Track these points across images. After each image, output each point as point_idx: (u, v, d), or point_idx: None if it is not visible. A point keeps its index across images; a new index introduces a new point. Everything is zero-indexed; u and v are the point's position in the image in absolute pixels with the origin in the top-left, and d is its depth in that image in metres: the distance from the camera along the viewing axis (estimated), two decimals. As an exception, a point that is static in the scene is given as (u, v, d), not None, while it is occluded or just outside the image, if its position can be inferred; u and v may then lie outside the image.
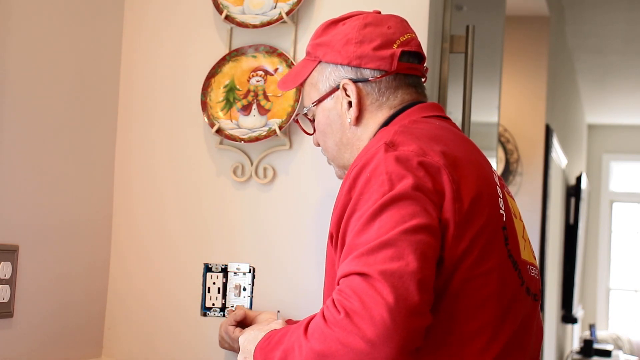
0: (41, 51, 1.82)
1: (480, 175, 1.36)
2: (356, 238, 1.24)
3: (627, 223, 9.13)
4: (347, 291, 1.19)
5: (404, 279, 1.17)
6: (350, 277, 1.20)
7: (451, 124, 1.51)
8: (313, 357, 1.20)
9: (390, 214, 1.22)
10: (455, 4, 2.21)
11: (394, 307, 1.15)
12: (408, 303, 1.16)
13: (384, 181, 1.25)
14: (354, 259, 1.21)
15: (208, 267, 1.75)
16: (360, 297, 1.17)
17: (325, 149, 1.57)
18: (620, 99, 7.92)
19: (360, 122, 1.49)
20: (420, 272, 1.18)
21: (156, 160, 2.03)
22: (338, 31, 1.50)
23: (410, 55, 1.50)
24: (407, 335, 1.16)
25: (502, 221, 1.36)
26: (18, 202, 1.75)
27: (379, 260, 1.19)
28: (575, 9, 5.49)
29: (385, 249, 1.19)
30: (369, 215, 1.24)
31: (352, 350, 1.16)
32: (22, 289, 1.76)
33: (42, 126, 1.83)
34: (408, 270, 1.18)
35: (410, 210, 1.23)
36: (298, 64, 1.60)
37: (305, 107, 1.58)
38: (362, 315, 1.16)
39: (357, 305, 1.16)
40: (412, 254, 1.19)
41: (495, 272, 1.31)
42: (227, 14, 1.95)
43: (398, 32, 1.49)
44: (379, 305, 1.15)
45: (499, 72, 3.26)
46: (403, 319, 1.15)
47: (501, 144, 4.76)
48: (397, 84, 1.48)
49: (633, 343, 8.05)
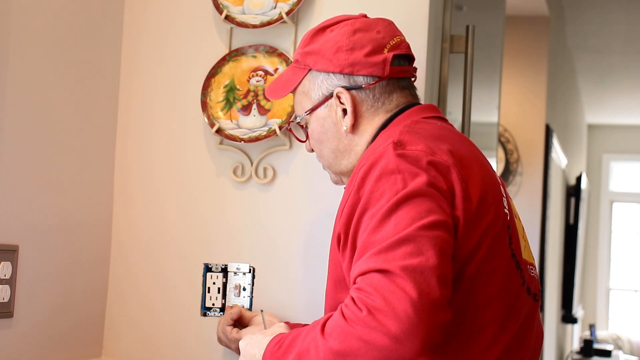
0: (41, 51, 1.82)
1: (484, 174, 1.37)
2: (371, 235, 1.23)
3: (627, 223, 9.13)
4: (367, 289, 1.18)
5: (425, 274, 1.16)
6: (370, 274, 1.19)
7: (450, 124, 1.51)
8: (331, 357, 1.18)
9: (406, 210, 1.22)
10: (455, 4, 2.21)
11: (418, 302, 1.14)
12: (431, 298, 1.15)
13: (397, 179, 1.25)
14: (372, 256, 1.20)
15: (208, 267, 1.75)
16: (382, 294, 1.16)
17: (320, 156, 1.56)
18: (620, 99, 7.92)
19: (357, 129, 1.48)
20: (440, 267, 1.18)
21: (156, 160, 2.03)
22: (327, 38, 1.49)
23: (401, 58, 1.49)
24: (431, 330, 1.15)
25: (507, 220, 1.37)
26: (18, 202, 1.75)
27: (399, 256, 1.18)
28: (575, 9, 5.48)
29: (404, 245, 1.19)
30: (384, 213, 1.23)
31: (375, 347, 1.15)
32: (22, 289, 1.76)
33: (42, 126, 1.83)
34: (429, 265, 1.17)
35: (426, 206, 1.22)
36: (285, 71, 1.58)
37: (297, 115, 1.57)
38: (385, 312, 1.15)
39: (379, 302, 1.15)
40: (432, 249, 1.19)
41: (499, 271, 1.32)
42: (227, 14, 1.95)
43: (388, 36, 1.48)
44: (402, 301, 1.14)
45: (499, 72, 3.26)
46: (427, 314, 1.15)
47: (501, 144, 4.76)
48: (390, 88, 1.48)
49: (633, 343, 8.05)
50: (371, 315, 1.15)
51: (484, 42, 2.83)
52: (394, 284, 1.16)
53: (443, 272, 1.19)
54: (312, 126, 1.53)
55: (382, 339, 1.14)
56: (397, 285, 1.15)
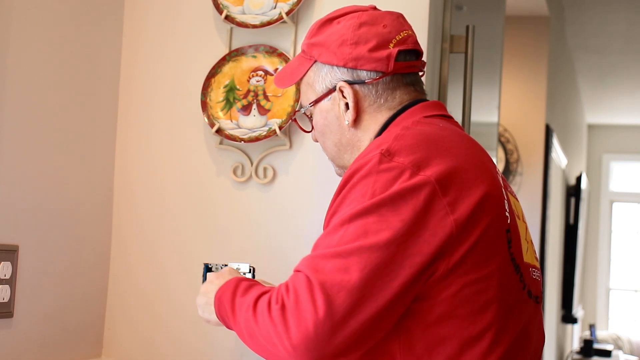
0: (41, 51, 1.82)
1: (485, 178, 1.34)
2: (323, 238, 1.28)
3: (627, 223, 9.13)
4: (290, 286, 1.24)
5: (341, 293, 1.20)
6: (299, 274, 1.25)
7: (454, 123, 1.49)
8: (245, 332, 1.29)
9: (358, 224, 1.24)
10: (455, 4, 2.21)
11: (321, 321, 1.19)
12: (335, 319, 1.20)
13: (367, 191, 1.26)
14: (310, 259, 1.25)
15: (208, 267, 1.75)
16: (297, 298, 1.22)
17: (324, 148, 1.56)
18: (620, 99, 7.93)
19: (360, 125, 1.47)
20: (360, 290, 1.21)
21: (156, 161, 2.03)
22: (333, 31, 1.48)
23: (407, 53, 1.47)
24: (327, 349, 1.21)
25: (507, 224, 1.34)
26: (18, 202, 1.75)
27: (328, 269, 1.22)
28: (575, 9, 5.49)
29: (338, 259, 1.22)
30: (341, 220, 1.26)
31: (278, 344, 1.22)
32: (22, 289, 1.76)
33: (43, 126, 1.83)
34: (349, 286, 1.21)
35: (379, 225, 1.23)
36: (294, 60, 1.58)
37: (302, 105, 1.57)
38: (293, 315, 1.21)
39: (292, 304, 1.22)
40: (359, 272, 1.21)
41: (495, 276, 1.30)
42: (227, 14, 1.95)
43: (394, 31, 1.46)
44: (309, 313, 1.20)
45: (499, 72, 3.26)
46: (324, 335, 1.20)
47: (501, 144, 4.76)
48: (394, 85, 1.47)
49: (633, 343, 8.05)
50: (282, 312, 1.22)
51: (484, 42, 2.83)
52: (310, 293, 1.21)
53: (362, 295, 1.21)
54: (316, 118, 1.53)
55: (283, 341, 1.22)
56: (312, 296, 1.21)
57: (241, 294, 1.35)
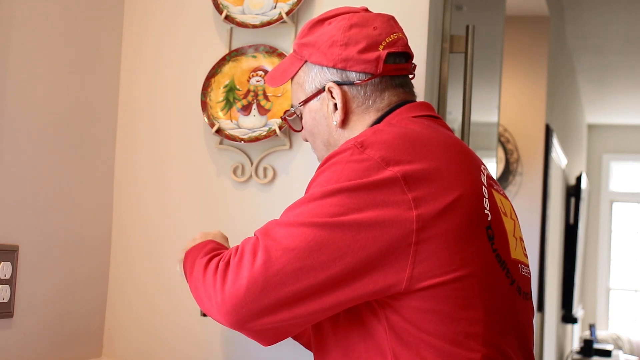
0: (42, 51, 1.82)
1: (463, 180, 1.32)
2: (285, 212, 1.32)
3: (627, 223, 9.14)
4: (240, 247, 1.30)
5: (282, 258, 1.25)
6: (252, 237, 1.31)
7: (441, 124, 1.49)
8: (193, 285, 1.36)
9: (315, 204, 1.27)
10: (455, 4, 2.21)
11: (255, 276, 1.24)
12: (268, 277, 1.24)
13: (332, 177, 1.29)
14: (266, 225, 1.31)
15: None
16: (242, 256, 1.27)
17: (314, 148, 1.58)
18: (620, 99, 7.93)
19: (347, 125, 1.48)
20: (301, 259, 1.24)
21: (156, 161, 2.03)
22: (324, 32, 1.49)
23: (397, 55, 1.48)
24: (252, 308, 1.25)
25: (487, 221, 1.33)
26: (18, 202, 1.75)
27: (278, 235, 1.27)
28: (575, 9, 5.49)
29: (289, 227, 1.27)
30: (301, 200, 1.30)
31: (213, 297, 1.28)
32: (22, 289, 1.76)
33: (43, 127, 1.83)
34: (290, 253, 1.25)
35: (333, 209, 1.26)
36: (286, 59, 1.58)
37: (292, 105, 1.58)
38: (233, 271, 1.27)
39: (235, 261, 1.27)
40: (305, 242, 1.25)
41: (478, 273, 1.29)
42: (227, 14, 1.95)
43: (384, 33, 1.47)
44: (246, 269, 1.25)
45: (499, 72, 3.27)
46: (256, 292, 1.24)
47: (501, 144, 4.77)
48: (383, 87, 1.47)
49: (633, 343, 8.05)
50: (225, 267, 1.29)
51: (484, 42, 2.84)
52: (254, 253, 1.26)
53: (302, 264, 1.24)
54: (305, 118, 1.55)
55: (216, 291, 1.27)
56: (254, 254, 1.26)
57: (203, 254, 1.40)
